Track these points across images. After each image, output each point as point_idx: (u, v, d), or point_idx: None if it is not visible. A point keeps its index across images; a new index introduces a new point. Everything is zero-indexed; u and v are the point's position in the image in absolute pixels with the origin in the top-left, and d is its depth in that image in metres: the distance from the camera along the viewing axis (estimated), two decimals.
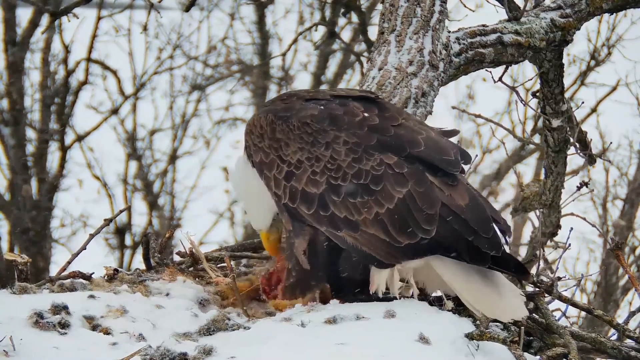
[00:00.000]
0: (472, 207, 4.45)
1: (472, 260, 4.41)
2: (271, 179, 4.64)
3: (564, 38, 6.62)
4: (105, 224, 5.52)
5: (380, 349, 4.01)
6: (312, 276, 4.63)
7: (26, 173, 14.82)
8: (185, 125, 18.09)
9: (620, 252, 5.14)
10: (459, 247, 4.40)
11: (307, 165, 4.57)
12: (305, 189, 4.55)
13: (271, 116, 4.70)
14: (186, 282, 4.92)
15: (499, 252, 4.41)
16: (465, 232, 4.40)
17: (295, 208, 4.56)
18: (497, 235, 4.45)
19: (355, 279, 4.57)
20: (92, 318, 4.34)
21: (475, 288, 4.46)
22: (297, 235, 4.62)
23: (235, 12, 17.86)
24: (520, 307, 4.47)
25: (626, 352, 4.64)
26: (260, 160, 4.69)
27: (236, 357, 3.98)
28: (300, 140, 4.61)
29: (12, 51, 14.39)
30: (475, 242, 4.39)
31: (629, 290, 13.76)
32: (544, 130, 7.25)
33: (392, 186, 4.47)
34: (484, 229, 4.42)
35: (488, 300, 4.44)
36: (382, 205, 4.47)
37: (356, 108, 4.66)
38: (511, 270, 4.48)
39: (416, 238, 4.42)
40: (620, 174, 14.82)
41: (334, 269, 4.59)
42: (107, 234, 16.79)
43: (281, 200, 4.60)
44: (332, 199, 4.52)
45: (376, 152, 4.53)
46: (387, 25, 6.19)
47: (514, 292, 4.50)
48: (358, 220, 4.48)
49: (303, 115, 4.65)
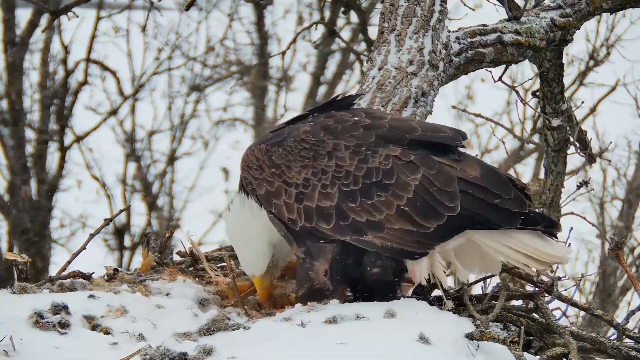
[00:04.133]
0: (486, 174, 4.49)
1: (503, 222, 4.44)
2: (282, 206, 4.55)
3: (564, 37, 6.62)
4: (105, 224, 5.52)
5: (380, 349, 4.01)
6: (328, 290, 4.60)
7: (25, 173, 14.82)
8: (184, 126, 18.09)
9: (620, 252, 5.13)
10: (487, 214, 4.42)
11: (315, 181, 4.52)
12: (320, 205, 4.49)
13: (264, 146, 4.64)
14: (186, 282, 4.92)
15: (525, 208, 4.46)
16: (489, 198, 4.43)
17: (314, 227, 4.49)
18: (519, 194, 4.49)
19: (387, 280, 4.57)
20: (92, 318, 4.34)
21: (521, 242, 4.49)
22: (316, 258, 4.56)
23: (234, 12, 17.86)
24: (566, 249, 4.58)
25: (626, 351, 4.64)
26: (265, 192, 4.60)
27: (236, 357, 3.98)
28: (300, 158, 4.56)
29: (11, 52, 14.40)
30: (501, 205, 4.43)
31: (628, 291, 13.76)
32: (544, 130, 7.25)
33: (406, 175, 4.46)
34: (505, 191, 4.46)
35: (539, 247, 4.48)
36: (400, 197, 4.45)
37: (344, 115, 4.65)
38: (541, 225, 4.51)
39: (443, 218, 4.42)
40: (618, 175, 14.83)
41: (361, 277, 4.57)
42: (106, 234, 16.79)
43: (297, 224, 4.52)
44: (349, 207, 4.47)
45: (379, 148, 4.52)
46: (387, 24, 6.19)
47: (547, 239, 4.54)
48: (381, 220, 4.45)
49: (296, 134, 4.60)
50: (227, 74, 18.33)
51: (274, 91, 18.28)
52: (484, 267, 4.67)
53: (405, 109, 5.80)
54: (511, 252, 4.50)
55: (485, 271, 4.75)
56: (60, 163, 15.66)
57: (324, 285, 4.56)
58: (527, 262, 4.52)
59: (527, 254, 4.50)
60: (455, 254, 4.55)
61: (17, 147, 14.65)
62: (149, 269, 5.19)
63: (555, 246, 4.53)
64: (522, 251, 4.50)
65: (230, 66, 18.29)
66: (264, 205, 4.63)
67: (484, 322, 4.39)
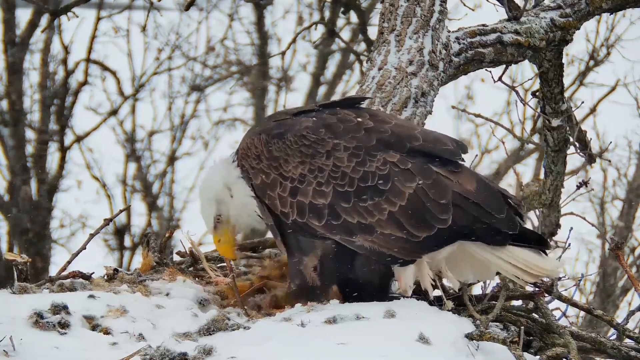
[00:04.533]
0: (481, 189, 4.49)
1: (492, 240, 4.46)
2: (275, 198, 4.58)
3: (563, 38, 6.62)
4: (105, 224, 5.52)
5: (380, 349, 4.01)
6: (318, 287, 4.61)
7: (26, 174, 14.82)
8: (184, 126, 18.09)
9: (621, 252, 5.13)
10: (477, 231, 4.43)
11: (311, 178, 4.53)
12: (313, 202, 4.51)
13: (265, 136, 4.65)
14: (186, 282, 4.92)
15: (516, 229, 4.46)
16: (481, 215, 4.44)
17: (305, 222, 4.51)
18: (511, 213, 4.49)
19: (374, 283, 4.57)
20: (92, 318, 4.34)
21: (513, 255, 4.50)
22: (306, 253, 4.58)
23: (234, 12, 17.86)
24: (557, 262, 4.61)
25: (626, 352, 4.64)
26: (261, 182, 4.63)
27: (236, 357, 3.98)
28: (299, 154, 4.57)
29: (11, 52, 14.39)
30: (493, 224, 4.43)
31: (628, 291, 13.76)
32: (544, 130, 7.25)
33: (401, 183, 4.47)
34: (498, 208, 4.46)
35: (531, 260, 4.50)
36: (394, 203, 4.46)
37: (348, 114, 4.65)
38: (531, 243, 4.53)
39: (433, 229, 4.43)
40: (618, 175, 14.82)
41: (349, 277, 4.57)
42: (106, 234, 16.79)
43: (289, 217, 4.55)
44: (342, 207, 4.49)
45: (378, 152, 4.53)
46: (387, 25, 6.19)
47: (540, 253, 4.57)
48: (372, 223, 4.46)
49: (298, 128, 4.61)
50: (227, 74, 18.33)
51: (274, 91, 18.27)
52: (477, 275, 4.70)
53: (405, 109, 5.80)
54: (503, 263, 4.52)
55: (479, 278, 4.77)
56: (60, 163, 15.66)
57: (312, 280, 4.57)
58: (519, 274, 4.54)
59: (519, 267, 4.51)
60: (446, 261, 4.56)
61: (17, 147, 14.65)
62: (149, 269, 5.19)
63: (547, 260, 4.56)
64: (514, 263, 4.51)
65: (230, 66, 18.28)
66: (259, 194, 4.65)
67: (484, 322, 4.39)
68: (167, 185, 18.09)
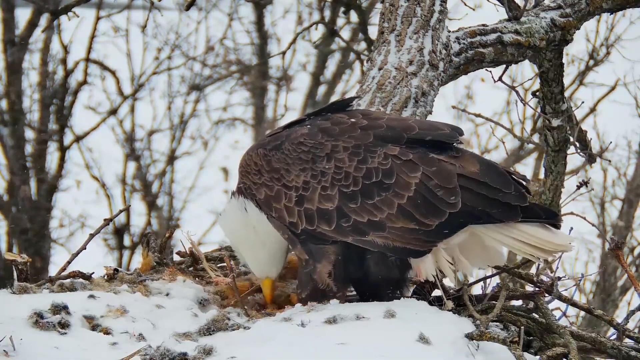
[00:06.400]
0: (485, 169, 4.51)
1: (504, 217, 4.46)
2: (282, 209, 4.56)
3: (564, 37, 6.62)
4: (105, 224, 5.51)
5: (380, 349, 4.01)
6: (333, 292, 4.60)
7: (25, 173, 14.82)
8: (184, 126, 18.09)
9: (620, 252, 5.13)
10: (488, 209, 4.44)
11: (315, 184, 4.52)
12: (320, 207, 4.50)
13: (262, 150, 4.65)
14: (186, 282, 4.91)
15: (525, 201, 4.47)
16: (489, 193, 4.45)
17: (315, 229, 4.50)
18: (519, 187, 4.51)
19: (392, 278, 4.57)
20: (92, 318, 4.34)
21: (525, 233, 4.51)
22: (319, 260, 4.56)
23: (234, 12, 17.87)
24: (569, 237, 4.60)
25: (626, 351, 4.64)
26: (265, 196, 4.60)
27: (236, 357, 3.98)
28: (299, 161, 4.56)
29: (11, 51, 14.39)
30: (502, 200, 4.44)
31: (628, 291, 13.77)
32: (544, 130, 7.25)
33: (405, 174, 4.47)
34: (505, 185, 4.47)
35: (543, 236, 4.50)
36: (401, 196, 4.46)
37: (340, 117, 4.66)
38: (542, 217, 4.53)
39: (445, 215, 4.43)
40: (618, 175, 14.83)
41: (366, 277, 4.57)
42: (105, 234, 16.80)
43: (298, 227, 4.53)
44: (350, 208, 4.48)
45: (377, 148, 4.53)
46: (387, 24, 6.19)
47: (550, 228, 4.57)
48: (382, 219, 4.46)
49: (294, 137, 4.61)
50: (227, 73, 18.34)
51: (274, 91, 18.29)
52: (488, 260, 4.69)
53: (405, 109, 5.80)
54: (516, 243, 4.52)
55: (490, 263, 4.76)
56: (59, 163, 15.66)
57: (327, 287, 4.57)
58: (532, 251, 4.53)
59: (532, 244, 4.51)
60: (459, 248, 4.57)
61: (17, 147, 14.65)
62: (149, 269, 5.19)
63: (559, 235, 4.55)
64: (526, 241, 4.52)
65: (230, 66, 18.29)
66: (264, 209, 4.63)
67: (484, 322, 4.39)
68: (167, 185, 18.11)
